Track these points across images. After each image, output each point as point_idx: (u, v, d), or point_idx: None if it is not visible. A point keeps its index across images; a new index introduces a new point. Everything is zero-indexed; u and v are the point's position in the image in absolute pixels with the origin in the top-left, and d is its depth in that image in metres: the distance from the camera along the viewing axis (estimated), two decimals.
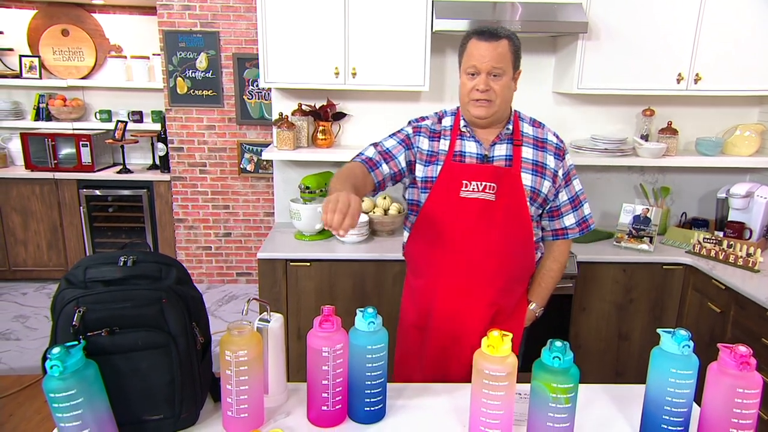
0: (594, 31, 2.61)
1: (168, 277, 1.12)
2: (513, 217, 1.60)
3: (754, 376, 1.08)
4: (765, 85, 2.71)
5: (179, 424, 1.14)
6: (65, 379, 0.94)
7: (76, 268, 1.09)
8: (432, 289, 1.68)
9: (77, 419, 0.96)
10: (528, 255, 1.68)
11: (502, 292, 1.65)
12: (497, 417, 1.11)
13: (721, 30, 2.62)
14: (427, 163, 1.64)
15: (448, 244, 1.62)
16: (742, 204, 2.77)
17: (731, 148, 2.94)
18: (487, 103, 1.55)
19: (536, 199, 1.62)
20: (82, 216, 4.23)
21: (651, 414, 1.18)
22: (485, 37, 1.53)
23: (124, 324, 1.04)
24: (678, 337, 1.12)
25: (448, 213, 1.60)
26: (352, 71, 2.64)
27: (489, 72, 1.53)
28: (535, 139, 1.64)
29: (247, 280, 4.47)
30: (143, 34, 4.57)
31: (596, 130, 2.99)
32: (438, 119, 1.69)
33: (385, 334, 1.22)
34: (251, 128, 4.16)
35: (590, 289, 2.64)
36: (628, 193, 3.11)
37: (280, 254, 2.58)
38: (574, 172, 1.71)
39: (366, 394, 1.22)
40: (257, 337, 1.17)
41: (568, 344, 1.08)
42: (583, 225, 1.74)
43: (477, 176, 1.58)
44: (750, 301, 2.22)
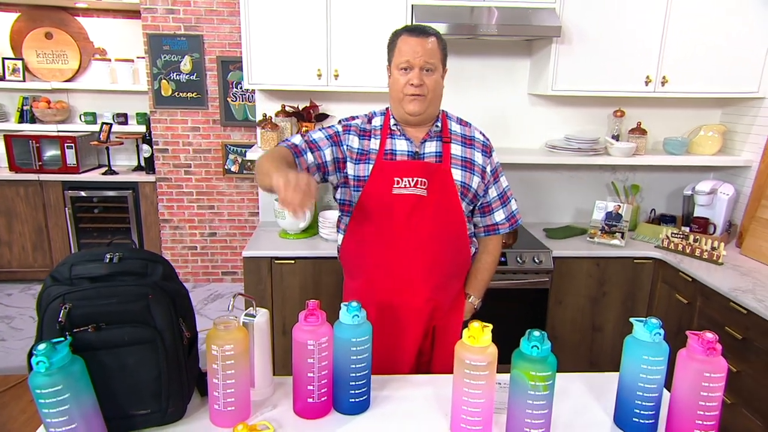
0: (567, 35, 2.64)
1: (154, 273, 1.10)
2: (445, 212, 1.59)
3: (719, 360, 1.10)
4: (726, 87, 2.77)
5: (166, 418, 1.12)
6: (51, 375, 0.92)
7: (61, 266, 1.07)
8: (369, 288, 1.64)
9: (64, 415, 0.93)
10: (462, 250, 1.67)
11: (438, 288, 1.63)
12: (478, 405, 1.12)
13: (685, 35, 2.67)
14: (358, 161, 1.60)
15: (383, 242, 1.59)
16: (707, 200, 2.83)
17: (696, 148, 3.00)
18: (420, 98, 1.53)
19: (467, 195, 1.62)
20: (67, 217, 4.15)
21: (624, 399, 1.19)
22: (416, 34, 1.53)
23: (111, 320, 1.02)
24: (650, 326, 1.14)
25: (382, 210, 1.57)
26: (335, 73, 2.63)
27: (422, 67, 1.52)
28: (462, 137, 1.64)
29: (233, 279, 4.43)
30: (127, 38, 4.49)
31: (570, 130, 3.03)
32: (368, 119, 1.66)
33: (369, 327, 1.22)
34: (235, 130, 4.12)
35: (565, 283, 2.67)
36: (600, 191, 3.15)
37: (265, 252, 2.56)
38: (501, 170, 1.72)
39: (351, 386, 1.21)
40: (243, 332, 1.15)
41: (545, 334, 1.09)
42: (512, 220, 1.75)
43: (408, 172, 1.56)
44: (714, 292, 2.27)
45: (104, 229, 4.23)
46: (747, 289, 2.19)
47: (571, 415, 1.26)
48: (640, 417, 1.17)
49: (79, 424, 0.95)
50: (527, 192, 3.09)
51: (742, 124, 2.95)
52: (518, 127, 3.05)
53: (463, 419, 1.14)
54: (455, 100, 2.70)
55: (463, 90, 2.97)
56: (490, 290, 1.83)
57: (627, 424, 1.19)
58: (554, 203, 3.15)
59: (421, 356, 1.69)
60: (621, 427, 1.21)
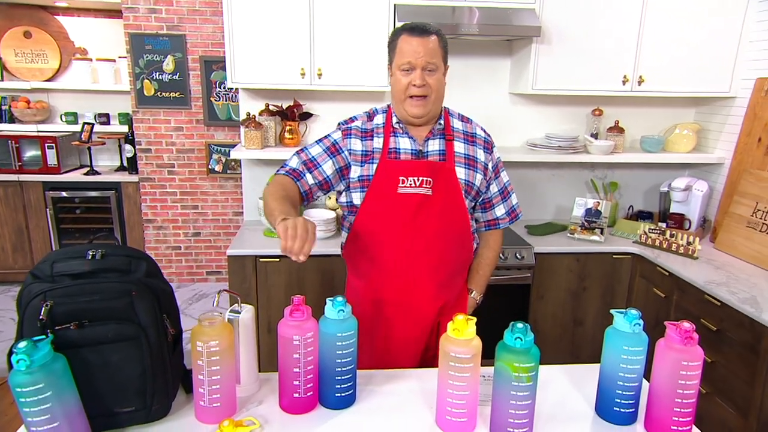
0: (546, 35, 2.66)
1: (138, 270, 1.08)
2: (450, 210, 1.57)
3: (696, 349, 1.12)
4: (699, 87, 2.82)
5: (151, 415, 1.10)
6: (32, 373, 0.89)
7: (42, 263, 1.04)
8: (375, 287, 1.61)
9: (45, 413, 0.91)
10: (466, 247, 1.66)
11: (444, 285, 1.62)
12: (463, 397, 1.12)
13: (660, 36, 2.71)
14: (362, 162, 1.57)
15: (389, 241, 1.56)
16: (682, 197, 2.88)
17: (671, 146, 3.05)
18: (423, 100, 1.51)
19: (470, 192, 1.61)
20: (48, 218, 4.06)
21: (605, 389, 1.21)
22: (417, 33, 1.49)
23: (94, 317, 1.00)
24: (629, 317, 1.15)
25: (387, 210, 1.54)
26: (318, 72, 2.62)
27: (424, 67, 1.49)
28: (465, 134, 1.63)
29: (217, 279, 4.38)
30: (109, 37, 4.42)
31: (550, 128, 3.05)
32: (368, 117, 1.63)
33: (354, 322, 1.21)
34: (219, 129, 4.08)
35: (547, 278, 2.69)
36: (579, 188, 3.18)
37: (250, 251, 2.53)
38: (502, 165, 1.71)
39: (337, 381, 1.21)
40: (228, 328, 1.14)
41: (528, 326, 1.09)
42: (512, 214, 1.74)
43: (413, 172, 1.54)
44: (690, 286, 2.31)
45: (86, 229, 4.16)
46: (721, 282, 2.23)
47: (553, 406, 1.27)
48: (620, 406, 1.18)
49: (61, 423, 0.93)
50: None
51: (714, 123, 3.00)
52: (500, 125, 3.06)
53: (448, 411, 1.14)
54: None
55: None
56: None
57: (608, 413, 1.20)
58: (535, 200, 3.17)
59: (427, 351, 1.66)
60: (602, 416, 1.22)
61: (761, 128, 2.64)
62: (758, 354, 1.96)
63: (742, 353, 2.03)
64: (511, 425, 1.10)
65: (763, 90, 2.66)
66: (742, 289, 2.15)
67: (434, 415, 1.20)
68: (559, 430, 1.18)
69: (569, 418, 1.22)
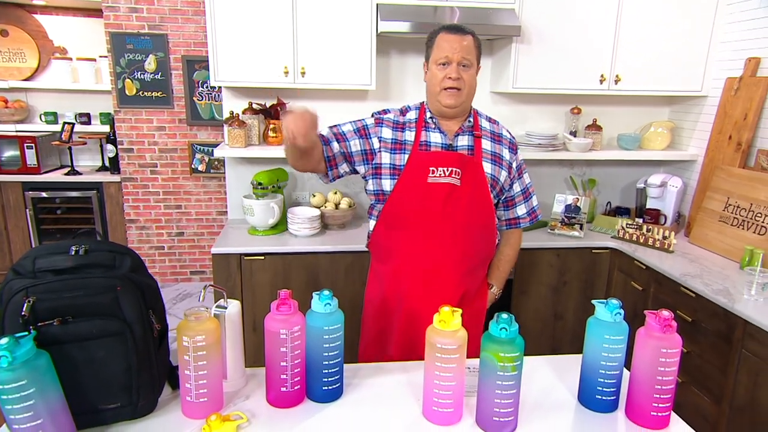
0: (526, 34, 2.68)
1: (122, 265, 1.06)
2: (476, 202, 1.63)
3: (675, 337, 1.13)
4: (673, 86, 2.87)
5: (137, 412, 1.08)
6: (14, 370, 0.87)
7: (23, 259, 1.01)
8: (401, 272, 1.66)
9: (28, 410, 0.88)
10: (490, 239, 1.72)
11: (467, 275, 1.68)
12: (449, 388, 1.12)
13: (636, 37, 2.75)
14: (394, 151, 1.63)
15: (417, 229, 1.62)
16: (658, 193, 2.93)
17: (647, 143, 3.10)
18: (456, 92, 1.58)
19: (495, 187, 1.67)
20: (28, 218, 3.97)
21: (588, 378, 1.22)
22: (454, 31, 1.59)
23: (78, 313, 0.98)
24: (610, 306, 1.17)
25: (417, 198, 1.60)
26: (301, 70, 2.60)
27: (459, 62, 1.57)
28: (492, 134, 1.70)
29: (201, 278, 4.33)
30: (89, 36, 4.33)
31: (530, 127, 3.08)
32: (401, 113, 1.70)
33: (340, 316, 1.20)
34: (202, 129, 4.03)
35: (529, 274, 2.71)
36: (559, 185, 3.22)
37: (235, 249, 2.51)
38: (525, 167, 1.79)
39: (324, 374, 1.20)
40: (215, 323, 1.12)
41: (513, 316, 1.10)
42: (533, 215, 1.82)
43: (443, 162, 1.60)
44: (667, 278, 2.35)
45: (68, 230, 4.07)
46: (696, 275, 2.27)
47: (537, 396, 1.27)
48: (602, 394, 1.20)
49: (45, 420, 0.91)
50: None
51: (688, 121, 3.06)
52: None
53: (434, 402, 1.14)
54: (420, 98, 2.69)
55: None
56: None
57: (590, 401, 1.22)
58: None
59: None
60: (585, 404, 1.23)
61: (732, 126, 2.70)
62: (731, 343, 2.00)
63: (716, 343, 2.07)
64: (497, 414, 1.10)
65: (732, 89, 2.72)
66: (715, 281, 2.20)
67: (421, 406, 1.20)
68: (543, 418, 1.19)
69: (553, 407, 1.23)
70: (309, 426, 1.13)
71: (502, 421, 1.11)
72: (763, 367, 1.86)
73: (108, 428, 1.07)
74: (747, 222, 2.44)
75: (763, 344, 1.86)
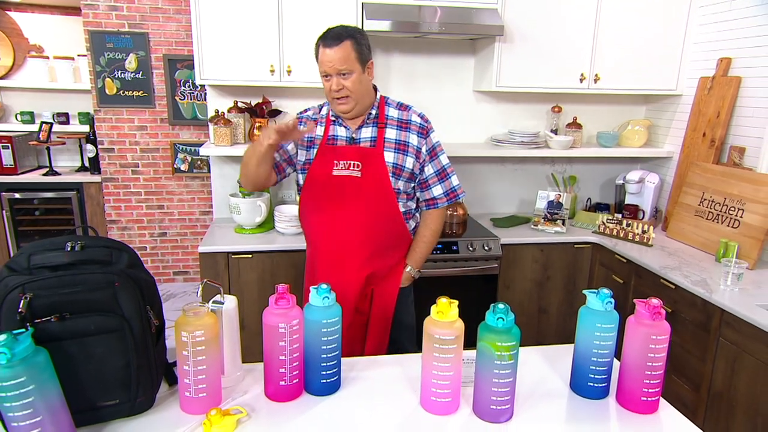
0: (509, 34, 2.71)
1: (119, 261, 1.05)
2: (377, 190, 1.72)
3: (664, 324, 1.17)
4: (650, 85, 2.94)
5: (135, 408, 1.06)
6: (13, 367, 0.85)
7: (18, 256, 0.99)
8: (317, 254, 1.83)
9: (27, 408, 0.86)
10: (395, 224, 1.79)
11: (373, 258, 1.77)
12: (447, 378, 1.13)
13: (614, 37, 2.81)
14: (307, 148, 1.77)
15: (324, 215, 1.76)
16: (636, 189, 3.00)
17: (625, 141, 3.16)
18: (345, 100, 1.67)
19: (401, 174, 1.74)
20: (4, 220, 3.86)
21: (580, 366, 1.24)
22: (328, 43, 1.63)
23: (75, 309, 0.96)
24: (602, 296, 1.19)
25: (323, 189, 1.74)
26: (287, 69, 2.58)
27: (338, 73, 1.63)
28: (399, 121, 1.76)
29: (185, 279, 4.27)
30: (66, 35, 4.23)
31: (512, 125, 3.12)
32: (319, 109, 1.82)
33: (338, 309, 1.20)
34: (184, 128, 3.97)
35: (513, 269, 2.74)
36: (541, 183, 3.26)
37: (222, 247, 2.48)
38: (441, 149, 1.83)
39: (322, 367, 1.20)
40: (213, 318, 1.11)
41: (509, 306, 1.11)
42: (452, 194, 1.85)
43: (345, 156, 1.72)
44: (647, 271, 2.40)
45: (47, 231, 3.97)
46: (674, 267, 2.33)
47: (531, 384, 1.30)
48: (594, 381, 1.22)
49: (44, 417, 0.89)
50: (474, 184, 3.16)
51: (663, 119, 3.14)
52: (464, 122, 3.10)
53: (432, 392, 1.15)
54: (404, 96, 2.71)
55: (411, 87, 2.99)
56: (444, 277, 1.88)
57: (582, 388, 1.24)
58: (499, 194, 3.23)
59: (361, 315, 1.83)
60: (577, 392, 1.26)
61: (705, 124, 2.77)
62: (709, 331, 2.06)
63: (695, 332, 2.13)
64: (495, 402, 1.12)
65: (706, 88, 2.79)
66: (693, 273, 2.26)
67: (418, 397, 1.21)
68: (537, 406, 1.21)
69: (546, 394, 1.26)
70: (309, 419, 1.13)
71: (500, 409, 1.12)
72: (740, 354, 1.92)
73: (106, 425, 1.05)
74: (721, 216, 2.52)
75: (739, 332, 1.92)
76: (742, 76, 2.60)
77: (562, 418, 1.17)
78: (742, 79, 2.60)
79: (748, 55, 2.57)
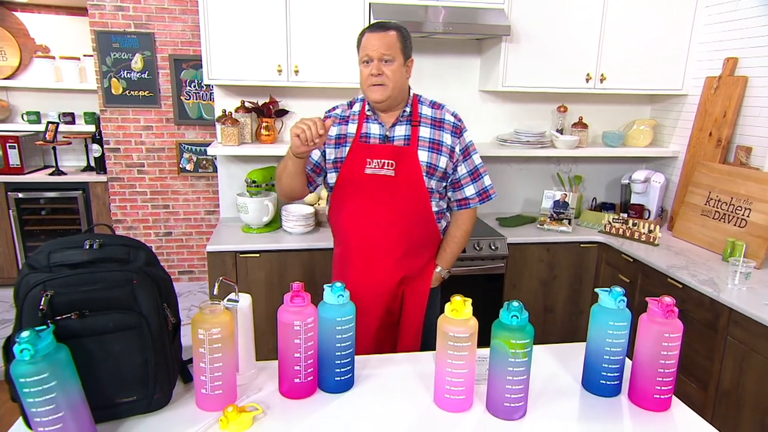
0: (515, 34, 2.72)
1: (137, 259, 1.05)
2: (411, 190, 1.69)
3: (676, 322, 1.17)
4: (655, 85, 2.94)
5: (152, 405, 1.07)
6: (36, 363, 0.85)
7: (37, 254, 1.00)
8: (347, 255, 1.79)
9: (50, 403, 0.87)
10: (428, 224, 1.76)
11: (406, 258, 1.75)
12: (461, 375, 1.14)
13: (620, 37, 2.82)
14: (337, 146, 1.73)
15: (357, 215, 1.72)
16: (642, 188, 3.00)
17: (630, 140, 3.17)
18: (381, 88, 1.63)
19: (434, 174, 1.71)
20: (11, 219, 3.87)
21: (592, 364, 1.25)
22: (375, 29, 1.64)
23: (95, 306, 0.97)
24: (614, 294, 1.20)
25: (356, 188, 1.70)
26: (295, 68, 2.59)
27: (380, 58, 1.61)
28: (432, 120, 1.73)
29: (190, 278, 4.27)
30: (72, 35, 4.24)
31: (518, 125, 3.12)
32: (349, 105, 1.79)
33: (352, 307, 1.21)
34: (190, 128, 3.98)
35: (519, 268, 2.75)
36: (546, 182, 3.27)
37: (230, 247, 2.49)
38: (474, 148, 1.79)
39: (336, 365, 1.20)
40: (229, 315, 1.12)
41: (522, 304, 1.12)
42: (484, 195, 1.82)
43: (378, 154, 1.68)
44: (653, 270, 2.41)
45: (53, 231, 3.98)
46: (681, 266, 2.33)
47: (542, 382, 1.30)
48: (606, 379, 1.23)
49: (66, 413, 0.89)
50: None
51: (669, 119, 3.14)
52: (470, 122, 3.06)
53: (446, 390, 1.15)
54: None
55: (417, 87, 2.93)
56: (451, 276, 1.88)
57: (595, 386, 1.25)
58: (505, 194, 3.23)
59: (391, 315, 1.81)
60: (589, 389, 1.26)
61: (712, 123, 2.77)
62: (717, 330, 2.06)
63: (703, 331, 2.13)
64: (508, 400, 1.12)
65: (712, 88, 2.79)
66: (700, 272, 2.26)
67: (431, 395, 1.21)
68: (550, 404, 1.21)
69: (558, 392, 1.26)
70: (323, 416, 1.14)
71: (513, 406, 1.13)
72: (748, 353, 1.92)
73: (123, 422, 1.06)
74: (728, 215, 2.52)
75: (748, 330, 1.92)
76: (748, 76, 2.60)
77: (575, 416, 1.18)
78: (749, 79, 2.60)
79: (755, 54, 2.58)
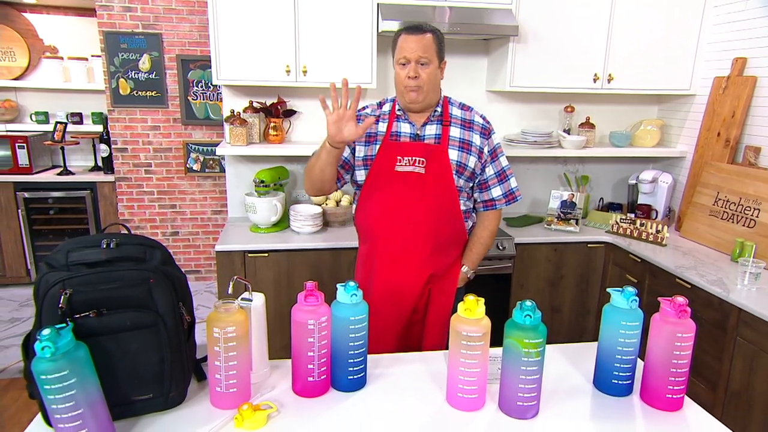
0: (523, 34, 2.72)
1: (153, 258, 1.06)
2: (441, 188, 1.71)
3: (689, 322, 1.17)
4: (663, 85, 2.94)
5: (168, 402, 1.08)
6: (56, 361, 0.86)
7: (56, 253, 1.01)
8: (374, 253, 1.79)
9: (70, 400, 0.88)
10: (456, 222, 1.77)
11: (434, 256, 1.76)
12: (474, 374, 1.14)
13: (628, 37, 2.81)
14: (367, 143, 1.74)
15: (387, 212, 1.73)
16: (649, 188, 3.00)
17: (637, 140, 3.16)
18: (417, 90, 1.65)
19: (463, 173, 1.73)
20: (20, 219, 3.89)
21: (604, 363, 1.25)
22: (412, 32, 1.65)
23: (112, 305, 0.98)
24: (626, 294, 1.20)
25: (386, 185, 1.72)
26: (303, 69, 2.60)
27: (417, 61, 1.63)
28: (462, 120, 1.75)
29: (196, 278, 4.29)
30: (80, 36, 4.26)
31: (525, 125, 3.12)
32: (378, 105, 1.81)
33: (365, 306, 1.21)
34: (197, 128, 4.00)
35: (527, 268, 2.75)
36: (553, 182, 3.26)
37: (238, 246, 2.50)
38: (501, 150, 1.81)
39: (349, 364, 1.21)
40: (243, 314, 1.13)
41: (535, 304, 1.12)
42: (510, 196, 1.83)
43: (409, 152, 1.70)
44: (661, 270, 2.40)
45: (61, 230, 4.00)
46: (690, 266, 2.33)
47: (554, 382, 1.30)
48: (618, 378, 1.23)
49: (84, 410, 0.90)
50: None
51: (676, 119, 3.13)
52: None
53: (459, 389, 1.16)
54: None
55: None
56: None
57: (607, 385, 1.25)
58: None
59: (416, 314, 1.81)
60: (601, 389, 1.26)
61: (720, 123, 2.77)
62: (726, 330, 2.06)
63: (711, 331, 2.13)
64: (521, 399, 1.13)
65: (720, 88, 2.79)
66: (709, 272, 2.26)
67: (444, 394, 1.22)
68: (562, 403, 1.21)
69: (570, 392, 1.26)
70: (336, 414, 1.14)
71: (526, 405, 1.13)
72: (758, 353, 1.92)
73: (140, 419, 1.07)
74: (737, 215, 2.51)
75: (757, 331, 1.92)
76: (757, 76, 2.60)
77: (587, 415, 1.18)
78: (758, 79, 2.59)
79: (763, 55, 2.57)
